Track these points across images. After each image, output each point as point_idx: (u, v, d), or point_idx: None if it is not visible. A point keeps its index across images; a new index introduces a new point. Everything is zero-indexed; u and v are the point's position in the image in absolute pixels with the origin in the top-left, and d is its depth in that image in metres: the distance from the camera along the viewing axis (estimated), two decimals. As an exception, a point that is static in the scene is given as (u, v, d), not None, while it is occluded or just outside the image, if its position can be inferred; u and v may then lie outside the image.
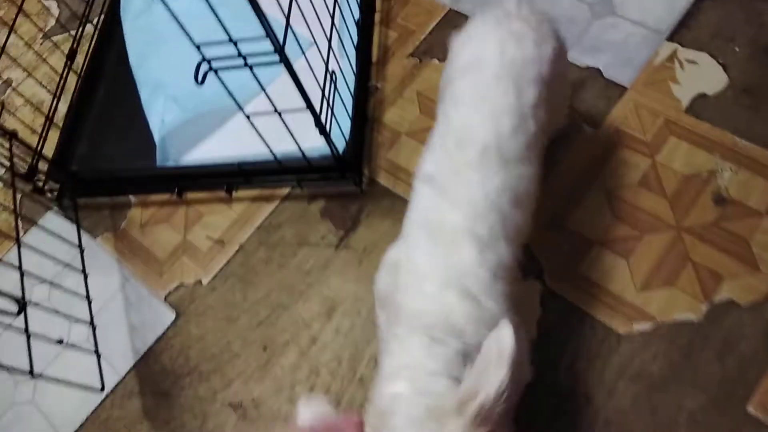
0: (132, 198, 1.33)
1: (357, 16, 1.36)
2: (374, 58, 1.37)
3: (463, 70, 0.83)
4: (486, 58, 0.80)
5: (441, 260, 0.72)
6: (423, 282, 0.72)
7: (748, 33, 1.20)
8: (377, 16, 1.42)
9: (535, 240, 1.08)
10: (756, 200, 1.04)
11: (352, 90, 1.26)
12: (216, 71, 0.89)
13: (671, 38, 1.23)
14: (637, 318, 1.00)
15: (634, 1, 1.29)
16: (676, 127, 1.14)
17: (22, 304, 0.91)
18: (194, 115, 1.31)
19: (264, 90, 0.94)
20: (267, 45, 0.86)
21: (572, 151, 1.16)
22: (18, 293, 0.94)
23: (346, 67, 1.27)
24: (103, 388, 1.10)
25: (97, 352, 1.13)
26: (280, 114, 1.00)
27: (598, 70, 1.23)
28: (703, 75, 1.18)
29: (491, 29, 0.84)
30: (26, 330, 0.94)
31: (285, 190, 1.26)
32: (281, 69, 0.92)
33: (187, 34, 0.83)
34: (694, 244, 1.03)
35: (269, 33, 0.81)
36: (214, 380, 1.10)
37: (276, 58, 0.85)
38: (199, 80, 0.83)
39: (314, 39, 1.09)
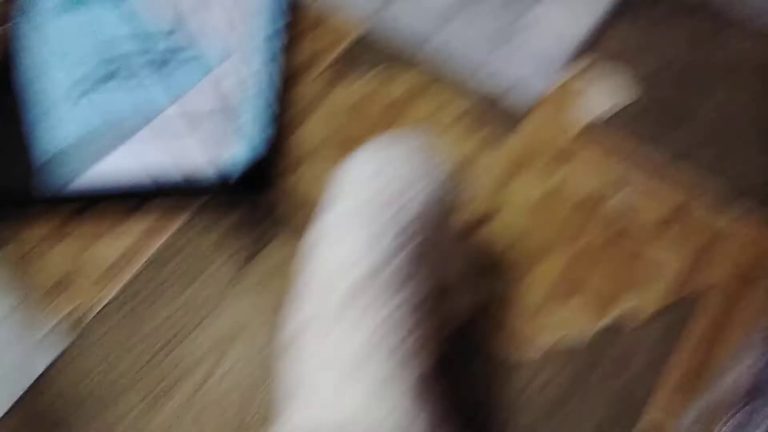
0: (18, 222, 1.24)
1: (269, 32, 1.33)
2: (285, 77, 1.35)
3: (328, 204, 0.78)
4: (350, 190, 0.77)
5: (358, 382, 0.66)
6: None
7: (648, 54, 1.26)
8: (289, 37, 1.40)
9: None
10: (643, 221, 1.08)
11: (262, 108, 1.23)
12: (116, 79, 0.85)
13: (573, 60, 1.27)
14: (531, 344, 1.00)
15: (535, 26, 1.33)
16: (571, 151, 1.17)
17: None
18: (90, 133, 1.24)
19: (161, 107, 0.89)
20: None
21: (477, 175, 1.17)
22: None
23: (257, 85, 1.24)
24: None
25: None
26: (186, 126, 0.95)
27: (501, 95, 1.25)
28: (604, 95, 1.22)
29: (365, 160, 0.81)
30: None
31: (185, 214, 1.20)
32: (189, 83, 0.88)
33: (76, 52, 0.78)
34: (585, 265, 1.05)
35: (151, 38, 0.77)
36: (96, 425, 1.03)
37: (162, 75, 0.81)
38: (80, 98, 0.78)
39: (229, 53, 1.06)
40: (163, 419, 1.02)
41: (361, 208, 0.74)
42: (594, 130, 1.19)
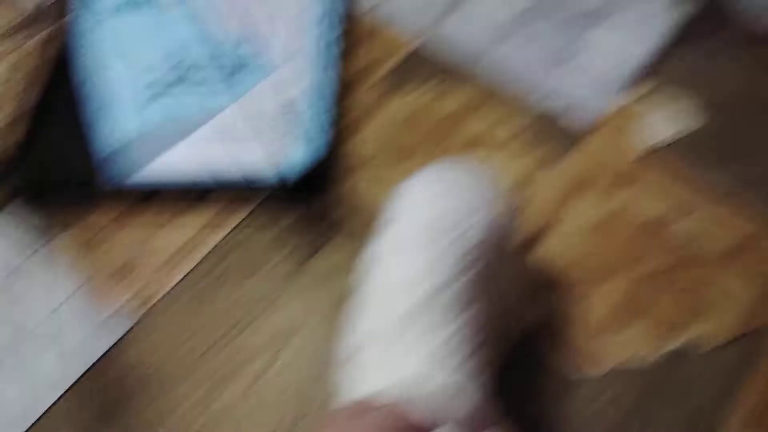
0: (82, 208, 1.26)
1: (328, 39, 1.35)
2: (342, 85, 1.36)
3: (388, 223, 0.78)
4: (411, 212, 0.76)
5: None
6: None
7: (706, 84, 1.25)
8: (344, 46, 1.42)
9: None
10: (712, 248, 1.07)
11: (321, 113, 1.25)
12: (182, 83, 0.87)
13: (634, 83, 1.27)
14: (593, 362, 0.99)
15: (594, 48, 1.33)
16: (633, 173, 1.16)
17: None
18: (153, 130, 1.27)
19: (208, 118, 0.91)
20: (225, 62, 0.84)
21: (534, 193, 1.17)
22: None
23: (314, 90, 1.26)
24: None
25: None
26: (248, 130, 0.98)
27: (557, 114, 1.25)
28: (666, 119, 1.21)
29: (426, 183, 0.80)
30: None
31: (247, 209, 1.22)
32: (253, 82, 0.90)
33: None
34: (650, 289, 1.04)
35: (222, 55, 0.79)
36: (155, 407, 1.05)
37: (229, 81, 0.83)
38: (148, 102, 0.80)
39: (290, 58, 1.08)
40: (222, 406, 1.04)
41: (422, 230, 0.74)
42: (656, 155, 1.18)
